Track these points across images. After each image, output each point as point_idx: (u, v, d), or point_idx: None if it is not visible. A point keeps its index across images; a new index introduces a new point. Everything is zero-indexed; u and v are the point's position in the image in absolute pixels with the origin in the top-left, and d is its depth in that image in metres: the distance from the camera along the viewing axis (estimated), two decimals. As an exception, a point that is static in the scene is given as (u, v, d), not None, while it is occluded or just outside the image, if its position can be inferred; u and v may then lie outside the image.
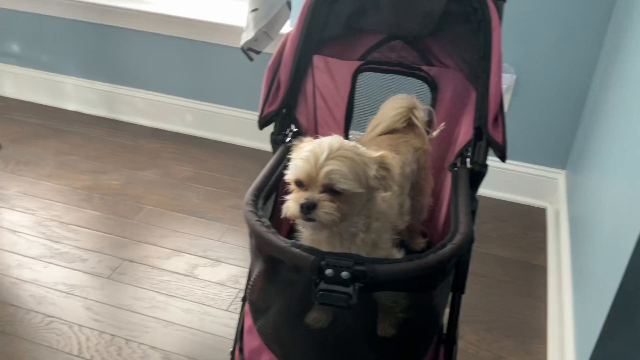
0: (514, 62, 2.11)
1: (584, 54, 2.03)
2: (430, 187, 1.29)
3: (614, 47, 1.80)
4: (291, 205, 0.95)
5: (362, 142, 1.29)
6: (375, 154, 0.98)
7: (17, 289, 1.73)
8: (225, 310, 1.70)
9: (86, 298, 1.72)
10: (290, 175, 0.97)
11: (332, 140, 0.97)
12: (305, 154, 0.95)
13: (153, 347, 1.56)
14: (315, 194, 0.93)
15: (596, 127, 1.80)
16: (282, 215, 0.97)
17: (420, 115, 1.31)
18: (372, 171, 0.96)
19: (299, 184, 0.96)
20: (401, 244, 1.14)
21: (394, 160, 0.98)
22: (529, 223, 2.18)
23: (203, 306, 1.71)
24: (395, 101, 1.30)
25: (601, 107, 1.79)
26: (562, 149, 2.20)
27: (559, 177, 2.23)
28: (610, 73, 1.76)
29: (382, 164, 0.98)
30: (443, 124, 1.30)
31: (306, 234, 1.03)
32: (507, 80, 2.13)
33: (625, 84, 1.53)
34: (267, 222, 0.94)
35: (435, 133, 1.31)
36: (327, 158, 0.93)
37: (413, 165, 1.21)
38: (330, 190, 0.93)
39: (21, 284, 1.75)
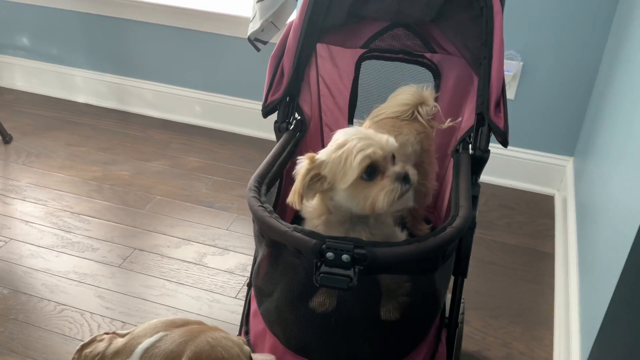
0: (521, 49, 2.10)
1: (591, 40, 2.02)
2: (434, 171, 1.29)
3: (622, 33, 1.79)
4: (383, 193, 0.95)
5: (364, 127, 1.30)
6: None
7: (30, 277, 1.76)
8: (234, 297, 1.72)
9: (97, 286, 1.74)
10: (363, 158, 0.95)
11: (361, 129, 1.00)
12: (364, 140, 0.96)
13: (163, 334, 1.58)
14: (396, 168, 0.96)
15: (604, 114, 1.79)
16: (378, 208, 0.96)
17: (425, 112, 1.29)
18: None
19: (370, 172, 0.96)
20: (404, 228, 1.15)
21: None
22: (537, 210, 2.18)
23: (212, 294, 1.73)
24: (403, 95, 1.29)
25: (609, 93, 1.78)
26: (570, 136, 2.20)
27: (567, 164, 2.23)
28: (618, 59, 1.75)
29: None
30: (450, 119, 1.29)
31: (314, 223, 1.04)
32: (514, 67, 2.12)
33: (632, 70, 1.52)
34: (270, 208, 0.96)
35: (446, 124, 1.30)
36: (373, 136, 0.98)
37: (416, 146, 1.21)
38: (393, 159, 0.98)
39: (34, 273, 1.78)
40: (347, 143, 0.97)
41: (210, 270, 1.83)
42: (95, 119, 2.76)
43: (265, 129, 2.49)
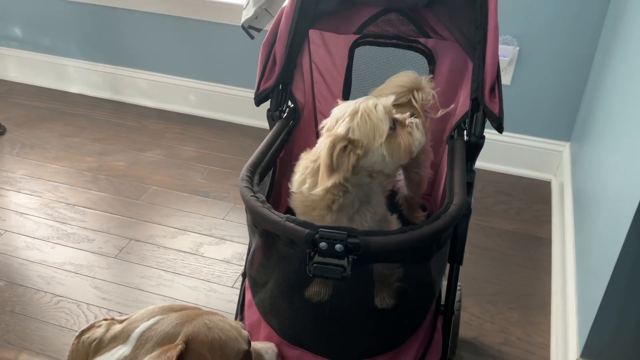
0: (517, 34, 2.09)
1: (587, 24, 2.00)
2: (428, 159, 1.27)
3: (617, 17, 1.77)
4: (415, 131, 1.03)
5: None
6: None
7: (26, 269, 1.76)
8: (231, 287, 1.72)
9: (94, 277, 1.74)
10: (388, 115, 1.00)
11: (347, 103, 1.03)
12: (370, 101, 1.00)
13: (160, 324, 1.58)
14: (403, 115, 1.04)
15: (600, 98, 1.78)
16: (416, 146, 1.04)
17: (421, 98, 1.27)
18: None
19: (394, 122, 1.01)
20: (394, 212, 1.14)
21: None
22: (534, 196, 2.18)
23: (209, 283, 1.73)
24: (399, 78, 1.28)
25: (605, 78, 1.77)
26: (567, 121, 2.19)
27: (564, 149, 2.22)
28: (614, 43, 1.74)
29: None
30: (442, 109, 1.28)
31: (316, 215, 1.03)
32: (510, 52, 2.11)
33: (628, 54, 1.51)
34: (262, 197, 0.94)
35: (439, 114, 1.29)
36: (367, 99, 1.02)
37: None
38: None
39: (29, 264, 1.78)
40: (358, 108, 0.99)
41: (206, 260, 1.82)
42: (89, 109, 2.74)
43: (260, 118, 2.45)
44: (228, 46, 2.52)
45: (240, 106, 2.60)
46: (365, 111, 0.98)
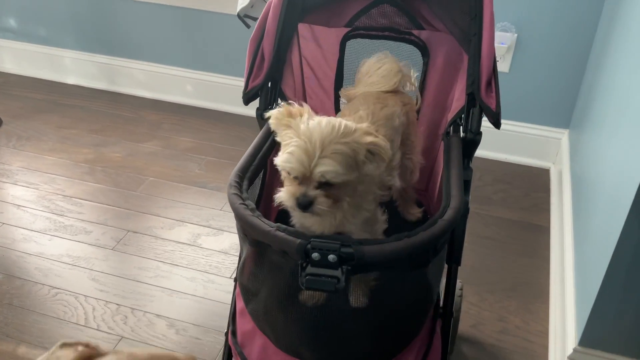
0: (515, 21, 2.07)
1: (586, 11, 1.99)
2: (420, 144, 1.25)
3: (617, 3, 1.76)
4: (286, 197, 0.92)
5: (350, 95, 1.26)
6: (366, 138, 0.92)
7: (23, 262, 1.76)
8: (229, 277, 1.72)
9: (91, 269, 1.74)
10: (281, 167, 0.93)
11: (322, 132, 0.89)
12: (297, 150, 0.89)
13: (158, 315, 1.58)
14: (310, 190, 0.89)
15: (599, 85, 1.77)
16: (276, 204, 0.94)
17: (409, 74, 1.27)
18: (361, 156, 0.92)
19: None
20: (395, 213, 1.11)
21: (384, 144, 0.93)
22: (533, 184, 2.17)
23: (207, 274, 1.73)
24: (390, 64, 1.24)
25: (604, 64, 1.76)
26: (565, 108, 2.18)
27: (562, 137, 2.21)
28: (613, 30, 1.73)
29: (372, 151, 0.93)
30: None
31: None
32: (509, 39, 2.09)
33: (627, 41, 1.50)
34: (252, 205, 0.91)
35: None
36: (320, 156, 0.87)
37: (402, 117, 1.17)
38: (324, 184, 0.90)
39: (27, 257, 1.78)
40: (298, 137, 0.89)
41: (204, 251, 1.82)
42: (85, 100, 2.73)
43: (257, 107, 2.46)
44: (224, 35, 2.50)
45: (237, 96, 2.55)
46: (287, 139, 0.91)
